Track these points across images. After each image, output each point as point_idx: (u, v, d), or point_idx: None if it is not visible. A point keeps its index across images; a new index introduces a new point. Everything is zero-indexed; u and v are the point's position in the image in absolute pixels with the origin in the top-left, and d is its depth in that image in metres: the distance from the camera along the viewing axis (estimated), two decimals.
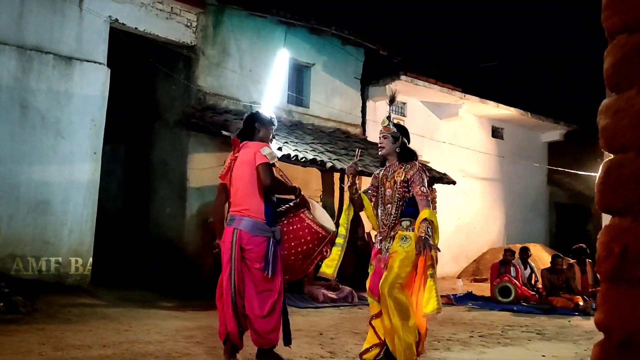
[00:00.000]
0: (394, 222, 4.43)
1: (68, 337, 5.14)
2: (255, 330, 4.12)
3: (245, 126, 4.44)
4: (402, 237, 4.36)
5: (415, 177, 4.41)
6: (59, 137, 8.05)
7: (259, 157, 4.13)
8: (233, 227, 4.16)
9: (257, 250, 4.10)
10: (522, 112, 15.51)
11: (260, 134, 4.40)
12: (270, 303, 4.11)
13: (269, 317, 4.11)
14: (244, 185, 4.18)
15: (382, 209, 4.56)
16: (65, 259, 7.98)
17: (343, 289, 9.00)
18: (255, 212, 4.14)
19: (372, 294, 4.39)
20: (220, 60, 10.39)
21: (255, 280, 4.12)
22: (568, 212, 17.87)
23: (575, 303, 9.21)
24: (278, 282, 4.17)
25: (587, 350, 5.66)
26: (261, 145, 4.23)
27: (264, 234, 4.13)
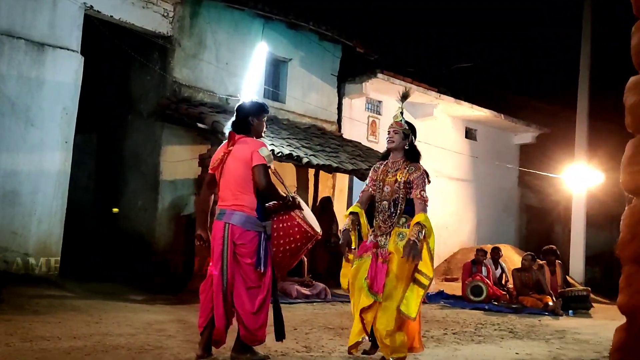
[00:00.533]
0: (391, 219, 4.52)
1: (36, 328, 5.00)
2: (245, 327, 4.05)
3: (238, 119, 4.33)
4: (398, 233, 4.46)
5: (418, 181, 4.49)
6: (29, 125, 7.85)
7: (256, 158, 4.09)
8: (224, 222, 4.09)
9: (249, 246, 4.06)
10: (495, 113, 15.66)
11: (255, 126, 4.32)
12: (260, 299, 4.06)
13: (259, 314, 4.07)
14: (238, 181, 4.12)
15: (379, 204, 4.62)
16: (34, 250, 7.78)
17: (316, 286, 8.96)
18: (248, 207, 4.11)
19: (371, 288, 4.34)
20: (196, 52, 10.26)
21: (245, 275, 4.07)
22: (538, 214, 18.12)
23: (544, 303, 9.33)
24: (268, 278, 4.12)
25: (559, 348, 5.71)
26: (259, 144, 4.19)
27: (256, 229, 4.09)
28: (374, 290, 4.33)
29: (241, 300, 4.04)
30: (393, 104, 14.21)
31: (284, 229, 4.27)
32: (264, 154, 4.13)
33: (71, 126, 8.25)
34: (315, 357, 4.60)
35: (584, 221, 14.23)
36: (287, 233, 4.26)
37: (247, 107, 4.37)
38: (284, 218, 4.29)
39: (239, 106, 4.41)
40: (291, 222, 4.29)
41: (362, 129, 13.44)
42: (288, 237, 4.26)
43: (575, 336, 6.71)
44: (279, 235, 4.24)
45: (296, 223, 4.28)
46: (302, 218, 4.30)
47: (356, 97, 13.21)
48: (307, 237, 4.33)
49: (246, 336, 4.09)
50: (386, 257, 4.38)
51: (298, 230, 4.28)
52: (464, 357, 4.99)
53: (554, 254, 10.38)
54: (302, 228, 4.28)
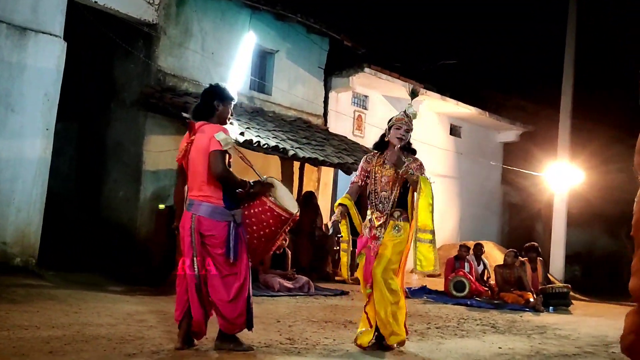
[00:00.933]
0: (388, 209, 4.64)
1: (14, 317, 4.89)
2: (223, 316, 4.02)
3: (204, 103, 4.26)
4: (394, 226, 4.61)
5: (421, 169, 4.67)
6: (9, 111, 7.67)
7: (213, 144, 4.00)
8: (191, 213, 4.04)
9: (218, 236, 4.00)
10: (480, 111, 15.72)
11: (219, 112, 4.24)
12: (236, 287, 4.02)
13: (236, 302, 4.02)
14: (201, 172, 4.05)
15: (375, 194, 4.72)
16: (11, 239, 7.60)
17: (299, 279, 8.91)
18: (213, 197, 4.03)
19: (366, 282, 4.61)
20: (182, 40, 10.13)
21: (218, 265, 4.02)
22: (520, 212, 18.23)
23: (525, 299, 9.37)
24: (243, 265, 4.07)
25: (540, 343, 5.73)
26: (217, 129, 4.08)
27: (225, 219, 4.03)
28: (369, 285, 4.58)
29: (217, 290, 4.00)
30: (379, 99, 14.23)
31: (256, 215, 4.18)
32: (220, 137, 4.01)
33: (52, 113, 8.07)
34: (299, 349, 4.56)
35: (565, 220, 14.33)
36: (259, 219, 4.17)
37: (214, 91, 4.29)
38: (255, 204, 4.19)
39: (205, 90, 4.34)
40: (262, 207, 4.18)
41: (348, 123, 13.40)
42: (261, 223, 4.17)
43: (555, 332, 6.75)
44: (251, 221, 4.17)
45: (268, 207, 4.17)
46: (274, 202, 4.18)
47: (343, 91, 13.16)
48: (281, 220, 4.21)
49: (225, 325, 4.06)
50: (376, 251, 4.55)
51: (271, 215, 4.18)
52: (447, 350, 4.98)
53: (535, 251, 10.42)
54: (274, 212, 4.18)
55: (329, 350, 4.58)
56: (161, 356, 3.94)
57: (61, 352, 3.83)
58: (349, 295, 9.03)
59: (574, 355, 5.20)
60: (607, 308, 10.93)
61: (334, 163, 10.08)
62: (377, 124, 13.85)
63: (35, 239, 7.79)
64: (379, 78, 13.10)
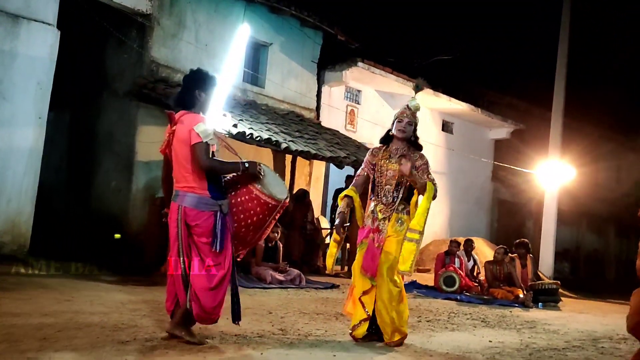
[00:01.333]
0: (392, 202, 4.72)
1: (5, 304, 4.87)
2: (201, 305, 3.95)
3: (185, 91, 4.14)
4: (397, 219, 4.68)
5: (425, 167, 4.73)
6: (1, 99, 7.62)
7: (193, 136, 3.92)
8: (178, 204, 4.01)
9: (204, 226, 3.96)
10: (473, 107, 15.78)
11: (201, 101, 4.14)
12: (219, 277, 3.98)
13: (216, 292, 3.98)
14: (183, 163, 4.00)
15: (380, 187, 4.79)
16: (2, 229, 7.57)
17: (291, 272, 8.92)
18: (198, 187, 3.99)
19: (365, 271, 4.66)
20: (175, 31, 10.09)
21: (202, 254, 3.99)
22: (509, 209, 18.34)
23: (515, 295, 9.43)
24: (227, 256, 4.03)
25: (530, 338, 5.79)
26: (195, 120, 3.99)
27: (211, 209, 3.99)
28: (369, 275, 4.61)
29: (199, 278, 3.95)
30: (372, 94, 14.25)
31: (243, 203, 4.11)
32: (200, 129, 3.93)
33: (45, 102, 8.03)
34: (292, 339, 4.58)
35: (555, 217, 14.42)
36: (246, 207, 4.11)
37: (196, 78, 4.15)
38: (241, 192, 4.14)
39: (186, 76, 4.20)
40: (249, 195, 4.12)
41: (340, 117, 13.41)
42: (248, 212, 4.11)
43: (545, 327, 6.81)
44: (238, 210, 4.11)
45: (254, 195, 4.11)
46: (260, 189, 4.10)
47: (335, 86, 13.17)
48: (269, 208, 4.14)
49: (200, 315, 3.99)
50: (381, 243, 4.62)
51: (257, 203, 4.11)
52: (438, 343, 5.02)
53: (525, 247, 10.48)
54: (260, 200, 4.10)
55: (320, 341, 4.61)
56: (154, 344, 3.94)
57: (54, 339, 3.83)
58: (339, 288, 9.06)
59: (563, 349, 5.25)
60: (595, 305, 11.02)
61: (326, 157, 10.09)
62: (370, 118, 13.90)
63: (27, 229, 7.75)
64: (372, 73, 13.11)
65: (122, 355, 3.56)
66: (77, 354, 3.50)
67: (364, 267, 4.67)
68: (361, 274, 4.68)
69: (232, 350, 4.01)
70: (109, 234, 9.52)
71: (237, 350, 4.02)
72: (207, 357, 3.72)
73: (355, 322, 4.70)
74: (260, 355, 3.91)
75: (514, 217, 18.40)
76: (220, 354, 3.84)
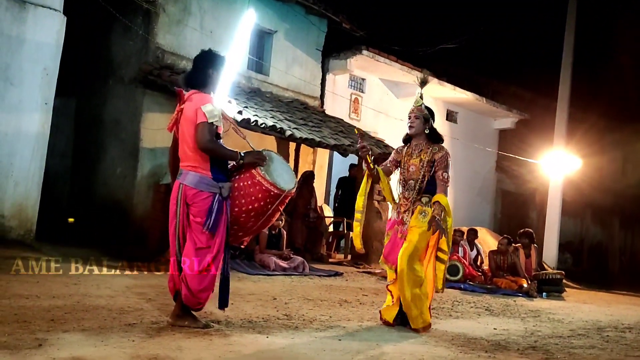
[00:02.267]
0: (415, 197, 4.89)
1: (14, 287, 4.92)
2: (188, 287, 3.93)
3: (197, 71, 4.14)
4: (421, 211, 4.84)
5: (442, 162, 4.91)
6: (8, 84, 7.64)
7: (199, 115, 3.92)
8: (179, 182, 4.01)
9: (200, 205, 3.93)
10: (477, 97, 15.72)
11: (212, 80, 4.14)
12: (207, 261, 3.94)
13: (202, 275, 3.94)
14: (189, 142, 3.98)
15: (403, 183, 5.02)
16: (9, 212, 7.62)
17: (294, 259, 8.95)
18: (200, 167, 3.97)
19: (387, 261, 4.91)
20: (180, 18, 10.08)
21: (194, 235, 3.96)
22: (513, 200, 18.32)
23: (519, 285, 9.45)
24: (218, 241, 3.97)
25: (535, 326, 5.81)
26: (204, 100, 3.99)
27: (210, 189, 3.95)
28: (389, 264, 4.85)
29: (188, 260, 3.93)
30: (376, 82, 14.22)
31: (244, 188, 4.05)
32: (206, 110, 3.92)
33: (51, 87, 8.04)
34: (297, 324, 4.61)
35: (560, 207, 14.42)
36: (247, 192, 4.03)
37: (207, 58, 4.17)
38: (244, 177, 4.07)
39: (198, 56, 4.21)
40: (251, 180, 4.04)
41: (344, 105, 13.39)
42: (249, 197, 4.03)
43: (549, 316, 6.83)
44: (239, 194, 4.04)
45: (256, 181, 4.02)
46: (263, 176, 4.02)
47: (340, 74, 13.14)
48: (271, 195, 4.04)
49: (188, 297, 3.97)
50: (404, 233, 4.82)
51: (259, 189, 4.02)
52: (443, 330, 5.04)
53: (529, 237, 10.49)
54: (262, 186, 4.01)
55: (325, 326, 4.63)
56: (161, 326, 3.98)
57: (62, 320, 3.87)
58: (343, 276, 9.09)
59: (568, 337, 5.27)
60: (599, 296, 11.06)
61: (331, 145, 10.08)
62: (374, 107, 13.89)
63: (33, 213, 7.79)
64: (377, 61, 13.08)
65: (129, 337, 3.59)
66: (85, 335, 3.53)
67: (384, 256, 4.92)
68: (383, 263, 4.93)
69: (238, 334, 4.03)
70: (114, 220, 9.56)
71: (243, 334, 4.05)
72: (213, 340, 3.74)
73: (384, 306, 5.01)
74: (266, 338, 3.94)
75: (518, 207, 18.39)
76: (226, 337, 3.87)
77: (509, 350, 4.28)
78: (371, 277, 9.48)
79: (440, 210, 4.72)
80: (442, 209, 4.73)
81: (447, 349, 4.14)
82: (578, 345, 4.81)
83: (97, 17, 10.09)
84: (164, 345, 3.47)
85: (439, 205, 4.75)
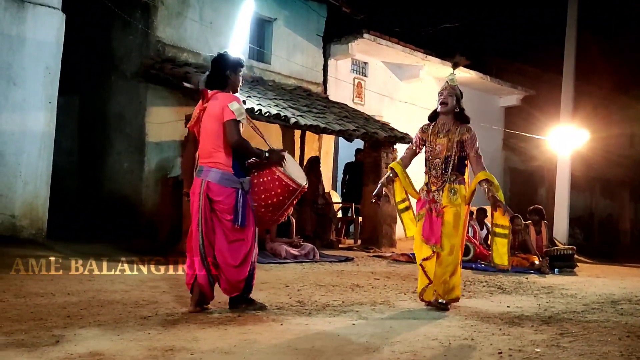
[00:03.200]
0: (443, 175, 4.95)
1: (29, 285, 4.96)
2: (227, 280, 4.16)
3: (215, 73, 4.32)
4: (450, 189, 4.92)
5: (472, 142, 4.99)
6: (11, 84, 7.66)
7: (227, 113, 4.08)
8: (201, 179, 4.15)
9: (226, 202, 4.12)
10: (481, 75, 15.62)
11: (231, 81, 4.31)
12: (243, 253, 4.16)
13: (242, 267, 4.16)
14: (212, 139, 4.14)
15: (430, 161, 5.06)
16: (20, 212, 7.66)
17: (305, 246, 8.97)
18: (223, 164, 4.13)
19: (428, 240, 4.90)
20: (180, 10, 10.05)
21: (226, 230, 4.14)
22: (522, 177, 18.26)
23: (530, 262, 9.44)
24: (250, 232, 4.19)
25: (548, 302, 5.80)
26: (230, 99, 4.16)
27: (233, 185, 4.13)
28: (432, 243, 4.84)
29: (223, 255, 4.14)
30: (379, 66, 14.15)
31: (264, 184, 4.27)
32: (234, 107, 4.11)
33: (54, 86, 8.05)
34: (310, 310, 4.63)
35: (569, 182, 14.36)
36: (267, 188, 4.26)
37: (224, 60, 4.34)
38: (264, 173, 4.29)
39: (215, 60, 4.37)
40: (271, 176, 4.27)
41: (347, 90, 13.35)
42: (269, 192, 4.27)
43: (562, 291, 6.82)
44: (259, 189, 4.27)
45: (276, 177, 4.26)
46: (282, 172, 4.27)
47: (342, 58, 13.08)
48: (289, 190, 4.31)
49: (228, 290, 4.22)
50: (440, 211, 4.87)
51: (279, 184, 4.26)
52: (456, 309, 5.03)
53: (538, 214, 10.45)
54: (282, 182, 4.26)
55: (338, 311, 4.65)
56: (176, 318, 4.01)
57: (78, 316, 3.90)
58: (353, 261, 9.11)
59: (582, 312, 5.26)
60: (611, 269, 11.03)
61: (335, 130, 10.06)
62: (377, 90, 13.83)
63: (43, 212, 7.84)
64: (379, 44, 13.00)
65: (144, 329, 3.62)
66: (102, 330, 3.56)
67: (424, 236, 4.93)
68: (422, 242, 4.93)
69: (252, 321, 4.06)
70: (124, 215, 9.61)
71: (258, 321, 4.07)
72: (228, 329, 3.77)
73: (421, 287, 5.03)
74: (280, 326, 3.96)
75: (527, 185, 18.32)
76: (241, 325, 3.89)
77: (522, 327, 4.29)
78: (382, 261, 9.49)
79: (488, 187, 4.84)
80: (490, 185, 4.85)
81: (460, 329, 4.15)
82: (592, 320, 4.80)
83: (96, 13, 10.08)
84: (180, 336, 3.49)
85: (488, 182, 4.86)
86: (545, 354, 3.43)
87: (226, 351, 3.23)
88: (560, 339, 3.88)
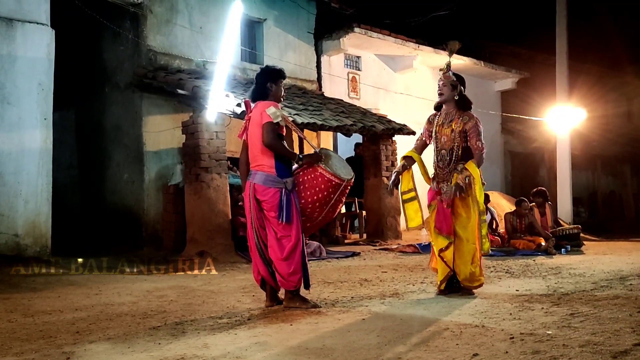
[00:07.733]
0: (449, 166, 5.03)
1: (36, 304, 4.96)
2: (279, 273, 4.52)
3: (258, 86, 4.68)
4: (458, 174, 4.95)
5: (473, 130, 5.03)
6: (5, 103, 7.63)
7: (264, 117, 4.45)
8: (250, 182, 4.57)
9: (270, 201, 4.47)
10: (475, 61, 15.58)
11: (273, 92, 4.67)
12: (289, 247, 4.47)
13: (289, 261, 4.49)
14: (257, 144, 4.53)
15: (437, 153, 5.16)
16: (23, 231, 7.64)
17: (310, 244, 8.96)
18: (266, 166, 4.51)
19: (440, 230, 5.00)
20: (169, 17, 10.03)
21: (274, 227, 4.50)
22: (522, 160, 18.23)
23: (537, 244, 9.43)
24: (295, 228, 4.49)
25: (556, 283, 5.79)
26: (268, 104, 4.51)
27: (276, 186, 4.49)
28: (445, 234, 4.95)
29: (273, 249, 4.52)
30: (372, 59, 14.11)
31: (308, 181, 4.59)
32: (270, 112, 4.45)
33: (49, 102, 8.02)
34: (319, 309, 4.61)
35: (570, 161, 14.33)
36: (312, 185, 4.58)
37: (265, 73, 4.74)
38: (307, 171, 4.61)
39: (257, 74, 4.79)
40: (314, 173, 4.59)
41: (342, 86, 13.32)
42: (313, 189, 4.57)
43: (570, 271, 6.81)
44: (304, 187, 4.59)
45: (319, 173, 4.56)
46: (324, 168, 4.56)
47: (334, 54, 13.05)
48: (333, 185, 4.58)
49: (282, 282, 4.56)
50: (449, 202, 4.95)
51: (322, 181, 4.56)
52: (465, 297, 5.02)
53: (542, 196, 10.44)
54: (324, 177, 4.55)
55: (348, 307, 4.64)
56: (185, 327, 4.00)
57: (87, 332, 3.90)
58: (360, 256, 9.11)
59: (591, 290, 5.26)
60: (618, 245, 11.01)
61: (333, 126, 10.04)
62: (372, 83, 13.80)
63: (46, 229, 7.82)
64: (370, 37, 12.96)
65: (155, 340, 3.61)
66: (112, 343, 3.56)
67: (437, 226, 5.03)
68: (436, 234, 5.04)
69: (262, 324, 4.06)
70: (127, 225, 9.60)
71: (267, 323, 4.07)
72: (238, 333, 3.76)
73: (441, 278, 5.07)
74: (290, 326, 3.96)
75: (528, 167, 18.29)
76: (250, 329, 3.89)
77: (533, 310, 4.28)
78: (389, 254, 9.49)
79: (464, 177, 4.86)
80: (468, 176, 4.86)
81: (470, 316, 4.14)
82: (602, 297, 4.80)
83: (86, 27, 10.06)
84: (190, 344, 3.49)
85: (466, 171, 4.90)
86: (557, 335, 3.42)
87: (237, 355, 3.22)
88: (571, 320, 3.87)
